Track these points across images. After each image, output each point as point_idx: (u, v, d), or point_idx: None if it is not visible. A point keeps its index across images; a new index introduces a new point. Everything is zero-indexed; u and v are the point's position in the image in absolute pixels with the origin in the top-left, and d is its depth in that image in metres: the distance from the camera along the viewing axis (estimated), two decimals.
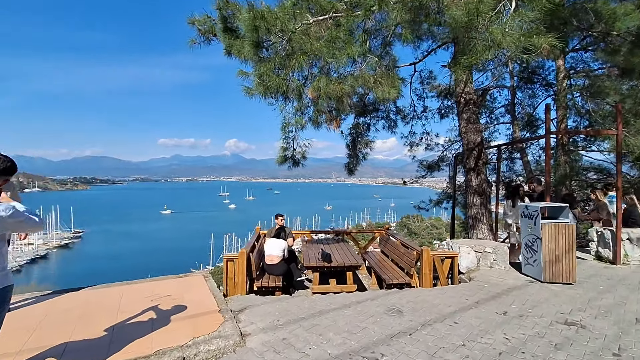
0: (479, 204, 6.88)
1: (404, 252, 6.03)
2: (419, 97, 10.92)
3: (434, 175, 14.34)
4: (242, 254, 5.20)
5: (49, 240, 77.73)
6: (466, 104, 7.34)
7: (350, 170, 8.99)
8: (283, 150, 7.56)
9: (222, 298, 4.35)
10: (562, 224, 4.66)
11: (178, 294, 4.50)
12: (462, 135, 7.36)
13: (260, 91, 4.60)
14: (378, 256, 7.24)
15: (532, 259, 4.89)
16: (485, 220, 6.89)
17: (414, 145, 11.22)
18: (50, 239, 78.56)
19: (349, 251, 6.31)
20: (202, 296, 4.41)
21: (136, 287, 4.83)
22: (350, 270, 5.64)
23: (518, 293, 4.34)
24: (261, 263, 6.10)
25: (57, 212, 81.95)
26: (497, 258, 5.44)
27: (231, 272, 5.25)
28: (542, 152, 14.37)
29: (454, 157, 9.94)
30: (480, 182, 6.93)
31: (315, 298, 4.41)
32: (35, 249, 71.76)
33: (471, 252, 5.46)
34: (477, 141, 7.17)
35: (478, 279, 4.98)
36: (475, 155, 7.06)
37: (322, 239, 7.58)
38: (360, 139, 9.02)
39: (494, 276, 5.07)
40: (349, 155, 8.90)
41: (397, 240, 6.86)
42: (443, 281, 5.39)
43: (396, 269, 6.24)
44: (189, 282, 5.00)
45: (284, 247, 5.88)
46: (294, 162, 7.62)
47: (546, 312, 3.75)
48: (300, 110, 7.33)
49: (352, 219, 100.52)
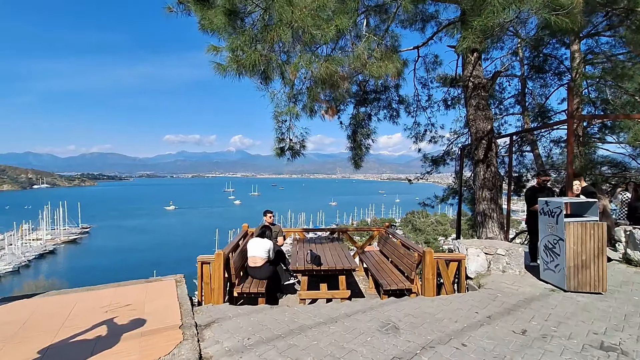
0: (489, 199, 6.17)
1: (404, 253, 5.37)
2: (424, 85, 10.18)
3: (440, 170, 13.62)
4: (218, 255, 4.58)
5: (57, 236, 78.55)
6: (475, 88, 6.60)
7: (355, 164, 8.32)
8: (278, 142, 6.91)
9: (189, 309, 3.73)
10: (591, 223, 3.95)
11: (140, 303, 3.89)
12: (470, 123, 6.64)
13: (234, 68, 3.95)
14: (376, 257, 6.58)
15: (553, 264, 4.19)
16: (495, 217, 6.18)
17: (418, 138, 10.49)
18: (58, 234, 79.39)
19: (343, 252, 5.66)
20: (166, 306, 3.80)
21: (95, 294, 4.24)
22: (343, 274, 5.00)
23: (538, 305, 3.66)
24: (245, 265, 5.48)
25: (65, 207, 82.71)
26: (510, 261, 4.75)
27: (207, 276, 4.64)
28: (554, 144, 13.58)
29: (460, 148, 9.21)
30: (490, 174, 6.22)
31: (298, 310, 3.77)
32: (44, 244, 72.48)
33: (481, 254, 4.78)
34: (487, 129, 6.45)
35: (489, 286, 4.30)
36: (484, 145, 6.34)
37: (315, 238, 6.94)
38: (361, 130, 8.32)
39: (508, 283, 4.38)
40: (351, 148, 8.23)
41: (397, 239, 6.19)
42: (448, 288, 4.72)
43: (396, 272, 5.58)
44: (157, 289, 4.40)
45: (269, 248, 5.25)
46: (292, 152, 6.96)
47: (575, 331, 3.07)
48: (293, 98, 6.69)
49: (356, 214, 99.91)
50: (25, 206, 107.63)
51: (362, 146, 8.12)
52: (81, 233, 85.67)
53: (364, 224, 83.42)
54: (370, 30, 5.67)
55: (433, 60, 9.42)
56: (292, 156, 6.81)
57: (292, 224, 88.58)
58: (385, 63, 4.05)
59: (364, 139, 8.17)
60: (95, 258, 62.33)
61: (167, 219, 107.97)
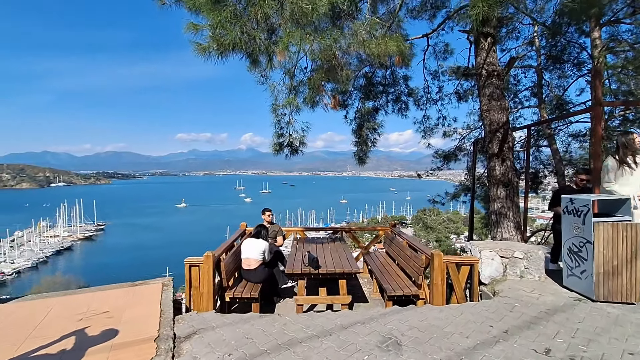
0: (504, 197, 5.68)
1: (411, 255, 4.93)
2: (434, 76, 9.65)
3: (451, 166, 13.06)
4: (207, 257, 4.24)
5: (74, 233, 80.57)
6: (488, 76, 6.09)
7: (360, 160, 7.89)
8: (277, 137, 6.54)
9: (170, 317, 3.40)
10: (623, 223, 3.46)
11: (119, 310, 3.58)
12: (484, 115, 6.13)
13: (214, 48, 3.58)
14: (382, 258, 6.16)
15: (579, 270, 3.71)
16: (511, 216, 5.69)
17: (428, 132, 9.96)
18: (74, 231, 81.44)
19: (344, 254, 5.27)
20: (146, 314, 3.48)
21: (74, 299, 3.96)
22: (344, 278, 4.60)
23: (563, 318, 3.19)
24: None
25: (81, 205, 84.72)
26: (529, 265, 4.28)
27: (195, 279, 4.30)
28: (572, 139, 12.86)
29: (473, 142, 8.68)
30: (505, 170, 5.72)
31: (289, 320, 3.40)
32: (61, 241, 74.38)
33: (496, 257, 4.32)
34: (502, 121, 5.94)
35: (505, 293, 3.84)
36: (499, 138, 5.84)
37: (316, 238, 6.55)
38: (367, 124, 7.88)
39: (526, 290, 3.92)
40: (356, 143, 7.80)
41: (404, 240, 5.75)
42: (459, 295, 4.28)
43: (402, 275, 5.16)
44: (140, 293, 4.09)
45: (264, 249, 4.89)
46: (291, 149, 6.59)
47: (609, 351, 2.61)
48: (294, 90, 6.32)
49: (367, 212, 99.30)
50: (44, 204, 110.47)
51: (367, 141, 7.68)
52: (96, 230, 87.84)
53: (374, 221, 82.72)
54: (373, 14, 5.23)
55: (443, 49, 8.91)
56: (291, 153, 6.43)
57: (302, 221, 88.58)
58: (385, 40, 3.62)
59: (370, 134, 7.73)
60: (110, 255, 63.67)
61: (179, 217, 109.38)
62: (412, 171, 52.65)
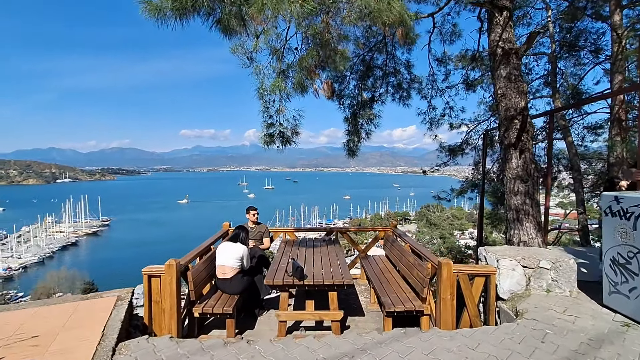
0: (524, 193, 4.91)
1: (414, 262, 4.20)
2: (440, 61, 8.83)
3: (457, 161, 12.25)
4: (169, 267, 3.53)
5: (79, 228, 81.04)
6: (505, 55, 5.29)
7: (350, 151, 7.14)
8: (267, 127, 5.81)
9: (110, 346, 2.70)
10: None
11: (51, 333, 2.89)
12: (499, 99, 5.34)
13: (169, 7, 2.85)
14: (381, 264, 5.42)
15: (627, 286, 2.95)
16: (531, 215, 4.92)
17: (433, 124, 9.15)
18: (80, 226, 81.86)
19: (337, 260, 4.54)
20: (82, 340, 2.78)
21: (6, 317, 3.27)
22: (334, 290, 3.88)
23: (612, 353, 2.45)
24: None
25: (86, 201, 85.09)
26: (558, 277, 3.52)
27: (156, 293, 3.61)
28: (588, 131, 12.01)
29: (482, 134, 7.89)
30: (525, 162, 4.94)
31: (258, 350, 2.69)
32: (66, 236, 74.75)
33: (517, 267, 3.57)
34: (521, 106, 5.15)
35: (531, 315, 3.09)
36: (517, 126, 5.06)
37: (307, 240, 5.83)
38: (362, 112, 7.12)
39: (558, 310, 3.17)
40: (348, 132, 7.03)
41: (406, 243, 5.01)
42: (472, 312, 3.54)
43: (403, 285, 4.42)
44: (88, 310, 3.39)
45: (242, 255, 4.17)
46: (283, 140, 5.85)
47: None
48: (283, 74, 5.57)
49: (370, 208, 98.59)
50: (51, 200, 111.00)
51: (361, 132, 6.92)
52: (102, 226, 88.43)
53: (377, 217, 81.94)
54: None
55: (451, 30, 8.06)
56: (283, 144, 5.69)
57: (306, 217, 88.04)
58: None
59: (365, 124, 6.97)
60: (115, 250, 63.81)
61: (182, 213, 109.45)
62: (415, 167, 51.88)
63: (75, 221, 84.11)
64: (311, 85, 5.41)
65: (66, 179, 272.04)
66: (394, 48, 7.89)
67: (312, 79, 5.46)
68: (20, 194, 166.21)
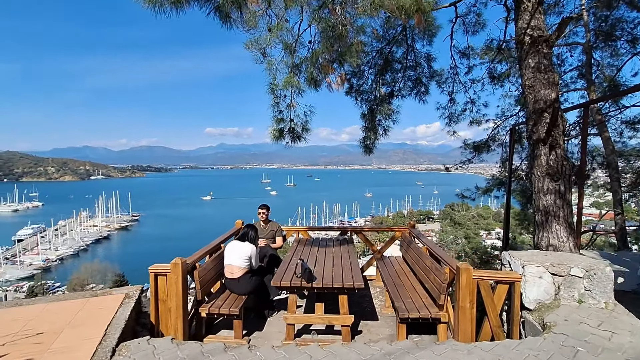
0: (554, 192, 4.50)
1: (431, 266, 3.94)
2: (462, 54, 8.38)
3: (483, 158, 11.67)
4: (175, 265, 3.47)
5: (111, 223, 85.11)
6: (533, 43, 4.88)
7: (367, 148, 6.89)
8: (277, 122, 5.68)
9: (110, 346, 2.66)
10: None
11: (56, 331, 2.89)
12: (527, 91, 4.94)
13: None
14: (397, 266, 5.18)
15: None
16: (562, 216, 4.51)
17: (453, 119, 8.71)
18: (111, 221, 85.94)
19: (349, 262, 4.35)
20: (85, 338, 2.76)
21: (16, 312, 3.31)
22: (345, 293, 3.70)
23: None
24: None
25: (117, 197, 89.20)
26: (592, 287, 3.17)
27: (163, 292, 3.56)
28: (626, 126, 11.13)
29: (509, 129, 7.42)
30: (556, 159, 4.54)
31: (259, 356, 2.56)
32: (99, 230, 78.70)
33: (545, 274, 3.25)
34: (551, 98, 4.73)
35: (561, 328, 2.78)
36: (547, 119, 4.65)
37: (320, 240, 5.66)
38: (380, 108, 6.85)
39: (591, 324, 2.84)
40: (365, 129, 6.78)
41: (424, 245, 4.74)
42: (494, 322, 3.26)
43: (419, 290, 4.18)
44: (95, 307, 3.39)
45: (250, 255, 4.06)
46: (292, 136, 5.72)
47: None
48: (296, 69, 5.42)
49: (392, 206, 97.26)
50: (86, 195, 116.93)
51: (379, 127, 6.65)
52: (132, 221, 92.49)
53: (400, 215, 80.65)
54: None
55: (475, 20, 7.62)
56: (293, 140, 5.54)
57: (327, 214, 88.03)
58: None
59: (383, 119, 6.69)
60: (144, 244, 66.40)
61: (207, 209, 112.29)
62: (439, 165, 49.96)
63: (108, 216, 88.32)
64: (324, 79, 5.25)
65: (99, 176, 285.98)
66: (413, 40, 7.55)
67: (326, 73, 5.29)
68: (57, 190, 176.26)
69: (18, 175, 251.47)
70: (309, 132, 5.70)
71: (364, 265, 6.05)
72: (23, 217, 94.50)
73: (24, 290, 40.54)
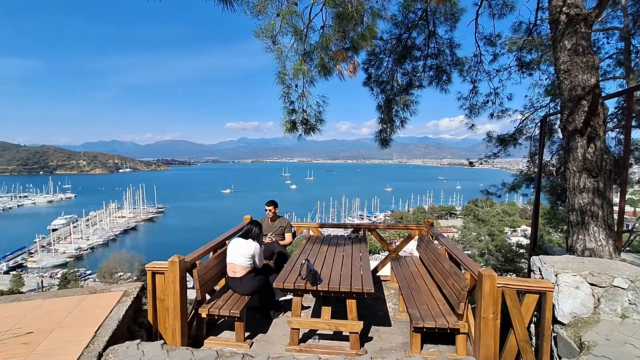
0: (592, 190, 4.01)
1: (450, 270, 3.58)
2: (488, 40, 7.77)
3: (509, 152, 10.95)
4: (172, 264, 3.29)
5: (138, 214, 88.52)
6: (570, 22, 4.34)
7: (383, 141, 6.52)
8: (289, 114, 5.41)
9: (98, 349, 2.51)
10: None
11: (45, 330, 2.76)
12: (562, 77, 4.41)
13: None
14: (413, 267, 4.83)
15: None
16: (602, 217, 4.01)
17: (473, 111, 8.11)
18: (138, 213, 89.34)
19: (360, 263, 4.04)
20: (72, 339, 2.61)
21: (11, 308, 3.23)
22: (353, 297, 3.40)
23: None
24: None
25: (143, 189, 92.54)
26: (637, 299, 2.73)
27: (161, 291, 3.39)
28: None
29: (540, 119, 6.82)
30: (594, 152, 4.02)
31: None
32: (127, 221, 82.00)
33: (583, 284, 2.83)
34: (590, 84, 4.19)
35: (601, 349, 2.38)
36: (585, 107, 4.13)
37: (331, 237, 5.37)
38: (397, 98, 6.44)
39: (637, 343, 2.42)
40: (381, 120, 6.39)
41: (442, 246, 4.36)
42: (521, 336, 2.88)
43: (437, 295, 3.83)
44: (91, 305, 3.26)
45: (253, 253, 3.83)
46: (306, 128, 5.43)
47: None
48: (307, 57, 5.12)
49: (413, 201, 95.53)
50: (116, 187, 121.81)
51: (395, 119, 6.24)
52: (157, 212, 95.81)
53: (421, 211, 79.10)
54: None
55: (502, 3, 7.01)
56: (306, 132, 5.26)
57: (347, 209, 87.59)
58: None
59: (401, 111, 6.28)
60: (169, 235, 68.55)
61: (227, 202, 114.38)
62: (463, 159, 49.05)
63: (135, 208, 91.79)
64: (335, 67, 4.92)
65: (127, 169, 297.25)
66: (435, 25, 7.06)
67: (337, 60, 4.96)
68: (88, 182, 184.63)
69: (52, 168, 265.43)
70: (323, 124, 5.40)
71: (378, 265, 5.72)
72: (57, 208, 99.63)
73: (58, 277, 42.75)
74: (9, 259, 54.31)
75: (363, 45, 4.48)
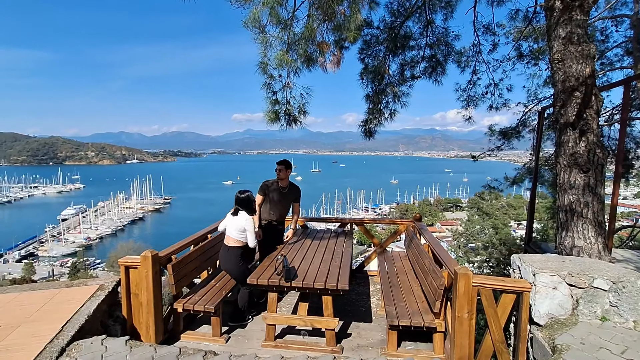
0: (582, 186, 3.85)
1: (430, 267, 3.49)
2: (486, 29, 7.50)
3: (514, 146, 10.70)
4: (145, 259, 3.25)
5: (145, 205, 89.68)
6: (565, 9, 4.12)
7: (368, 132, 6.37)
8: (272, 104, 5.29)
9: (60, 345, 2.50)
10: None
11: (11, 325, 2.75)
12: (555, 66, 4.21)
13: None
14: (398, 263, 4.74)
15: None
16: (590, 214, 3.86)
17: (471, 102, 7.89)
18: (145, 203, 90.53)
19: (340, 259, 3.96)
20: (34, 335, 2.59)
21: None
22: (328, 294, 3.34)
23: None
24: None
25: (150, 180, 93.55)
26: (619, 302, 2.62)
27: (135, 286, 3.37)
28: None
29: (538, 111, 6.62)
30: (586, 146, 3.86)
31: None
32: (135, 212, 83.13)
33: (561, 285, 2.72)
34: (584, 74, 4.00)
35: (573, 353, 2.28)
36: (578, 99, 3.95)
37: (316, 232, 5.30)
38: (387, 89, 6.27)
39: (613, 347, 2.31)
40: (369, 110, 6.23)
41: (426, 243, 4.26)
42: (496, 337, 2.79)
43: (417, 293, 3.74)
44: (65, 298, 3.25)
45: (243, 227, 3.75)
46: (289, 119, 5.31)
47: None
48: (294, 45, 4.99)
49: (418, 194, 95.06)
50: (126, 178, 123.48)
51: (385, 110, 6.08)
52: (164, 203, 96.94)
53: (426, 203, 78.71)
54: None
55: None
56: (289, 123, 5.15)
57: (352, 201, 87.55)
58: None
59: (391, 102, 6.12)
60: (175, 226, 69.38)
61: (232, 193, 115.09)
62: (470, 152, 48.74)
63: (142, 198, 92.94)
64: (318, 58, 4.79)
65: (134, 160, 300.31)
66: (432, 12, 6.83)
67: (322, 51, 4.83)
68: (97, 173, 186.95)
69: (62, 159, 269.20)
70: (307, 116, 5.29)
71: (365, 260, 5.65)
72: (67, 198, 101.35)
73: (69, 265, 43.68)
74: (20, 247, 55.58)
75: (348, 35, 4.33)
